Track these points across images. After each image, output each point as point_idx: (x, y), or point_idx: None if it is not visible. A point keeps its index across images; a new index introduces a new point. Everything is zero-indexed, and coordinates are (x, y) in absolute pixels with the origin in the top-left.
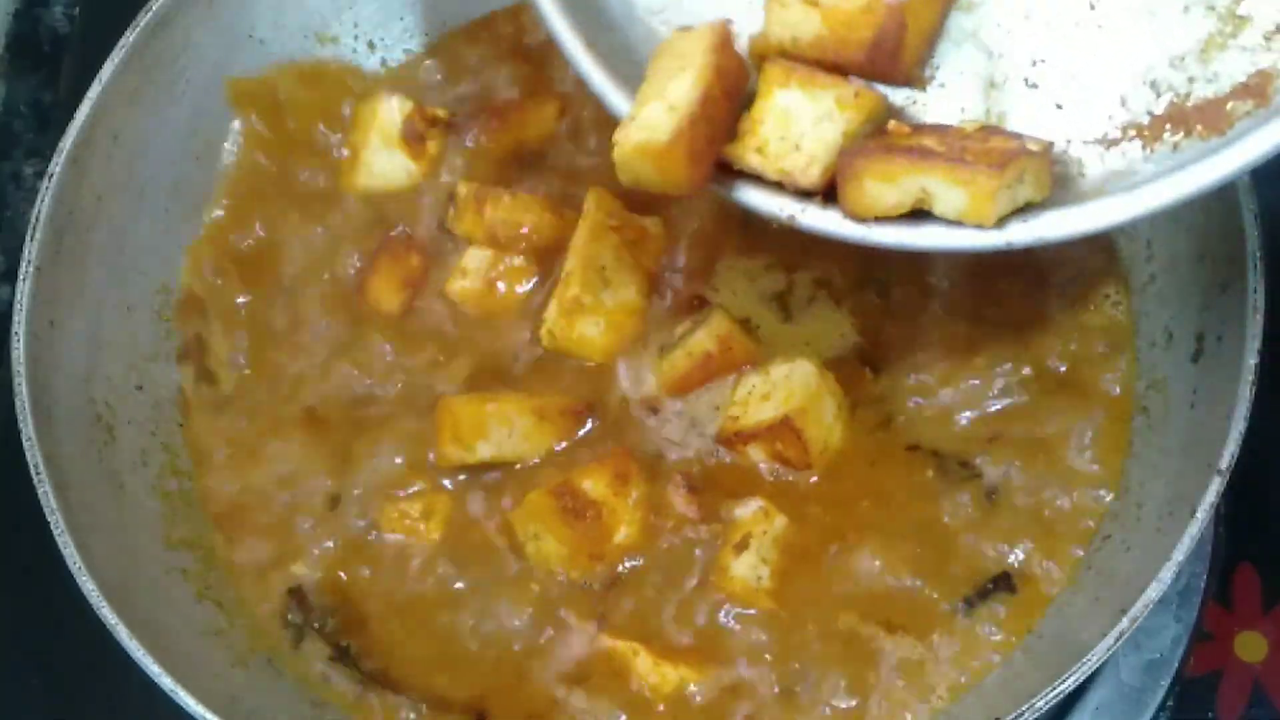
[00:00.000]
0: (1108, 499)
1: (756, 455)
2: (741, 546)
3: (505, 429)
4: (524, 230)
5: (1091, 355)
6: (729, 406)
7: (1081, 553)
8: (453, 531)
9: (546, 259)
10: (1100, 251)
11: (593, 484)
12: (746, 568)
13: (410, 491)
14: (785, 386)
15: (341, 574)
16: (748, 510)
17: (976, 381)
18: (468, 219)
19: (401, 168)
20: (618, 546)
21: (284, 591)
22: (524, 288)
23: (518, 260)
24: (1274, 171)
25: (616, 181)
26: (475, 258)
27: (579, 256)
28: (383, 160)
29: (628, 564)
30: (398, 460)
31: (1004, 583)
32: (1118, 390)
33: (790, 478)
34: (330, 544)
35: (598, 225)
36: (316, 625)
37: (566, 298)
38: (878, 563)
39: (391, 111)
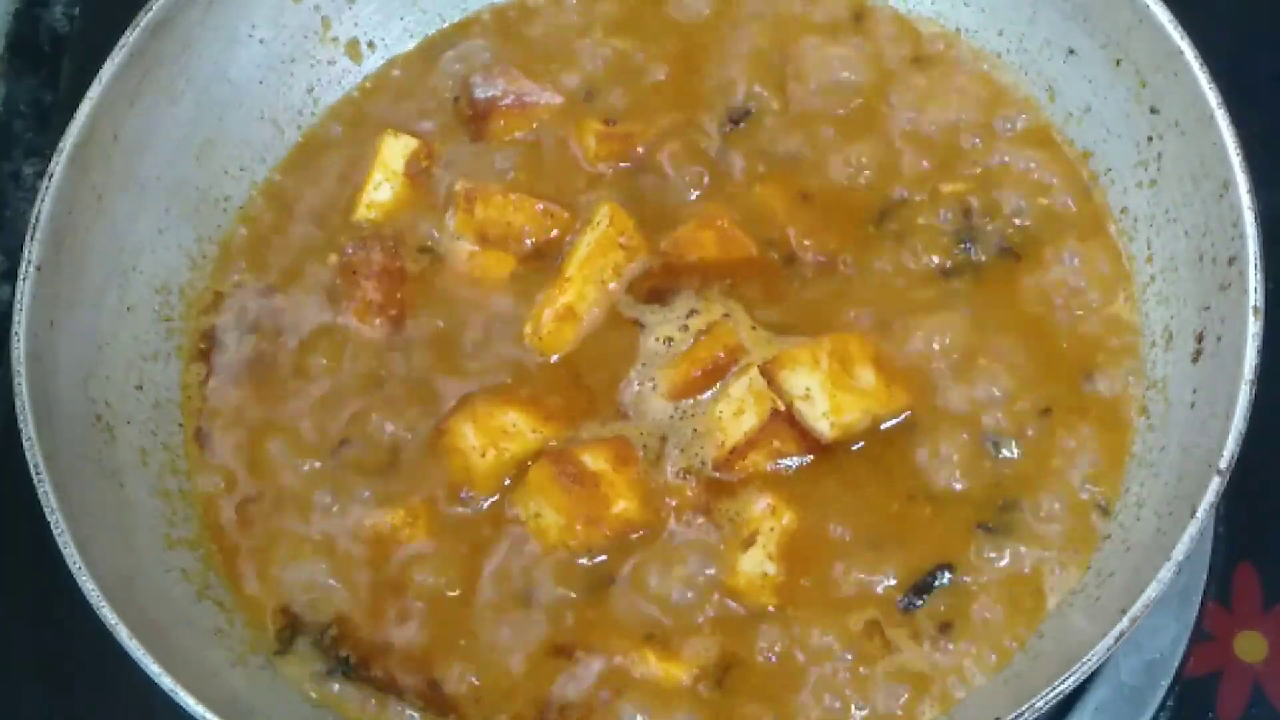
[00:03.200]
0: (1108, 499)
1: (760, 461)
2: (748, 543)
3: (516, 465)
4: (514, 230)
5: (1095, 354)
6: (712, 437)
7: (1082, 553)
8: (443, 532)
9: (534, 259)
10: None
11: (592, 458)
12: (753, 564)
13: (396, 501)
14: (752, 393)
15: (335, 583)
16: (756, 507)
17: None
18: (458, 219)
19: (401, 199)
20: (616, 517)
21: (275, 609)
22: (511, 285)
23: (505, 258)
24: (1274, 171)
25: (630, 195)
26: (464, 254)
27: (581, 268)
28: (384, 193)
29: (631, 561)
30: (384, 474)
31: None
32: (1118, 390)
33: (796, 465)
34: (323, 554)
35: (607, 240)
36: (311, 640)
37: (560, 305)
38: (880, 561)
39: (395, 149)
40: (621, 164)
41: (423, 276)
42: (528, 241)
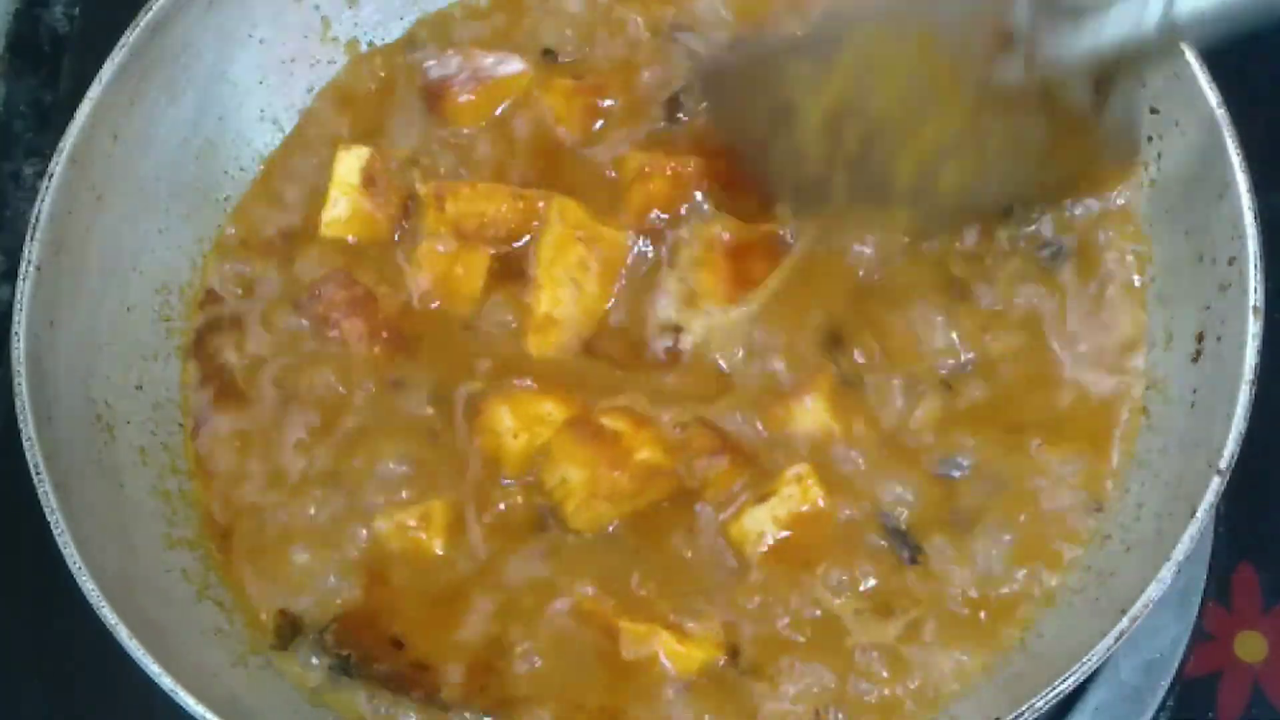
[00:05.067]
0: (1107, 499)
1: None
2: (760, 500)
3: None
4: (489, 220)
5: (1094, 353)
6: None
7: (1081, 553)
8: (449, 530)
9: (518, 244)
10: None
11: (611, 420)
12: (754, 522)
13: (407, 498)
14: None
15: (335, 581)
16: (789, 472)
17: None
18: (430, 218)
19: (362, 211)
20: (640, 464)
21: (275, 607)
22: (497, 281)
23: (484, 252)
24: (1274, 172)
25: (582, 185)
26: (441, 254)
27: (546, 273)
28: (341, 209)
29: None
30: (396, 470)
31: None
32: (1118, 390)
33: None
34: (322, 552)
35: (562, 240)
36: (312, 638)
37: (539, 315)
38: (882, 557)
39: (348, 162)
40: (594, 127)
41: (404, 288)
42: (507, 229)
